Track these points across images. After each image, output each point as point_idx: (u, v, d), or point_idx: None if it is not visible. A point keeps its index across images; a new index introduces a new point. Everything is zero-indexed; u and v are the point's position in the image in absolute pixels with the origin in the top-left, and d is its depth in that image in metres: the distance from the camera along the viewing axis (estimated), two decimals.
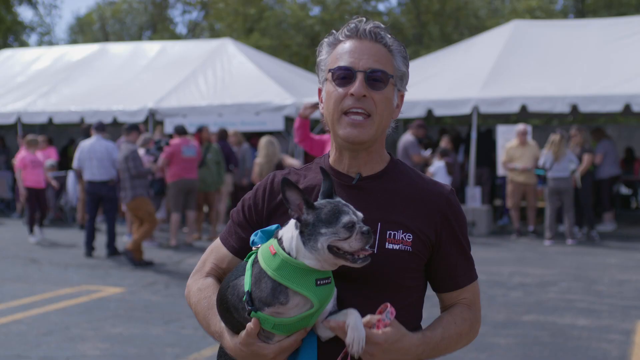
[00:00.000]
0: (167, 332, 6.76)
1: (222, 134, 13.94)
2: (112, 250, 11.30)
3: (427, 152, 13.34)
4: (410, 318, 2.02)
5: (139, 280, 9.31)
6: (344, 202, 1.88)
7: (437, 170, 12.49)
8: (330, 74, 2.02)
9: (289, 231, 1.88)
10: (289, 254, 1.85)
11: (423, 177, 2.13)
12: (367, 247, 1.84)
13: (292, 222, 1.89)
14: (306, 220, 1.84)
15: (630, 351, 6.10)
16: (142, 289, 8.77)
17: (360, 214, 1.86)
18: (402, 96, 2.11)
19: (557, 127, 13.59)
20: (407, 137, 12.64)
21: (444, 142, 13.84)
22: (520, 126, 13.33)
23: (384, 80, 2.00)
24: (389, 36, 2.04)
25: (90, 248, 11.31)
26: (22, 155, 13.29)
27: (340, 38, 2.05)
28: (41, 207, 13.27)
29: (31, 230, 13.02)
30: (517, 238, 13.07)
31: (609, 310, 7.56)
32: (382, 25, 2.05)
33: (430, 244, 2.04)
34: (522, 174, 13.03)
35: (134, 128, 11.18)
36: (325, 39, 2.08)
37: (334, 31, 2.09)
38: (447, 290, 2.12)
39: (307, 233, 1.83)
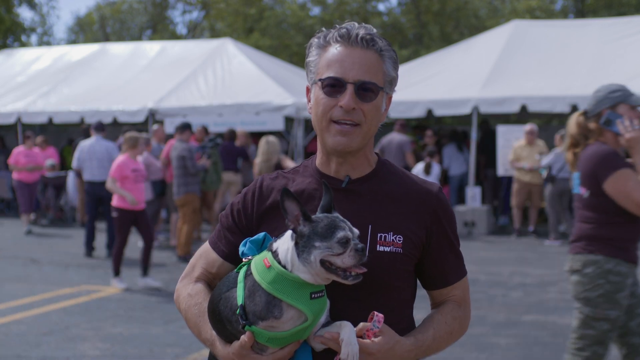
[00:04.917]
0: (167, 332, 6.76)
1: (231, 135, 13.92)
2: (112, 251, 11.30)
3: None
4: (401, 316, 2.05)
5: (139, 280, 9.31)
6: (341, 217, 1.87)
7: (417, 173, 12.68)
8: (319, 82, 2.00)
9: (285, 243, 1.87)
10: (284, 266, 1.83)
11: (411, 176, 2.13)
12: (360, 265, 1.83)
13: (288, 234, 1.87)
14: (302, 232, 1.83)
15: None
16: (142, 289, 8.78)
17: (356, 231, 1.85)
18: (390, 98, 2.10)
19: (561, 128, 13.55)
20: (401, 137, 12.92)
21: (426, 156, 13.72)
22: (528, 126, 13.30)
23: (374, 91, 1.99)
24: (381, 40, 2.01)
25: (90, 248, 11.31)
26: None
27: (331, 42, 2.01)
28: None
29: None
30: (517, 238, 13.07)
31: None
32: (374, 30, 2.03)
33: (420, 244, 2.04)
34: (529, 174, 13.01)
35: (186, 127, 11.21)
36: (315, 39, 2.06)
37: (324, 29, 2.07)
38: (438, 287, 2.13)
39: (301, 245, 1.82)
